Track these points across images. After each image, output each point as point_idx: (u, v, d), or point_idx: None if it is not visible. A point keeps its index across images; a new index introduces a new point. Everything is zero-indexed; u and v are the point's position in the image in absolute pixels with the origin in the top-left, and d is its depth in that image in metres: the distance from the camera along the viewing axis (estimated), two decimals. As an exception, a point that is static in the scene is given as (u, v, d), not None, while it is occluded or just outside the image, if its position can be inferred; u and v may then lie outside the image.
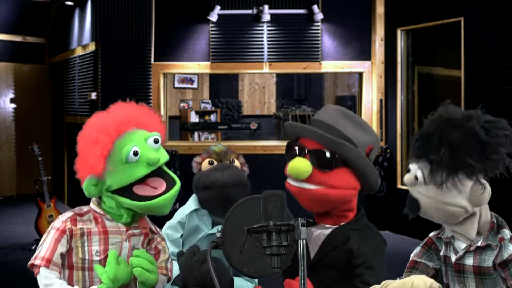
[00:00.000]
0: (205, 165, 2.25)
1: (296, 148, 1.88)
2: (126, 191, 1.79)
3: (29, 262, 1.78)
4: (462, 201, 1.64)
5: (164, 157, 1.86)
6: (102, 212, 1.85)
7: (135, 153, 1.78)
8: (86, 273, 1.79)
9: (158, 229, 2.00)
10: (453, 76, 6.03)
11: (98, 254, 1.80)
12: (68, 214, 1.84)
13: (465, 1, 5.65)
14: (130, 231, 1.86)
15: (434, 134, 1.66)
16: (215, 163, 2.24)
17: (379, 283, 1.46)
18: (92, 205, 1.88)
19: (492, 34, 5.34)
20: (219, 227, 2.24)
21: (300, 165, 1.80)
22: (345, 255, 1.81)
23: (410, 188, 1.73)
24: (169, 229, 2.26)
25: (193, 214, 2.26)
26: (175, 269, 2.17)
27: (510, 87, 5.23)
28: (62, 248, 1.78)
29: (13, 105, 8.91)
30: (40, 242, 1.81)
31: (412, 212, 1.73)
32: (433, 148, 1.64)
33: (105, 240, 1.82)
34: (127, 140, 1.81)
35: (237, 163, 2.28)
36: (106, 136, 1.79)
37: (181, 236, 2.27)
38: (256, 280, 2.27)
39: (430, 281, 1.31)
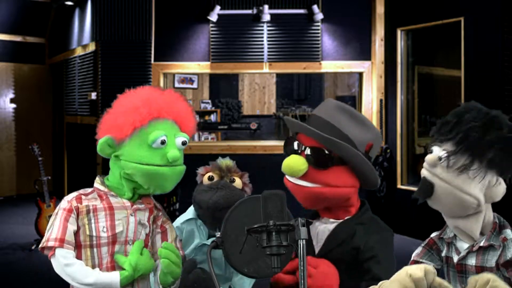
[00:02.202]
0: (205, 179, 2.22)
1: (295, 143, 1.86)
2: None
3: (41, 245, 1.77)
4: (478, 192, 1.62)
5: (182, 160, 1.88)
6: (106, 190, 1.87)
7: (162, 142, 1.81)
8: (95, 250, 1.80)
9: (162, 207, 1.99)
10: (453, 76, 6.03)
11: (105, 230, 1.80)
12: (73, 194, 1.86)
13: (465, 1, 5.65)
14: (135, 206, 1.87)
15: (467, 119, 1.64)
16: (215, 179, 2.21)
17: (389, 277, 1.45)
18: (96, 184, 1.90)
19: (492, 34, 5.34)
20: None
21: (294, 163, 1.79)
22: (352, 251, 1.78)
23: (426, 172, 1.69)
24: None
25: (192, 221, 2.25)
26: None
27: (510, 87, 5.23)
28: (72, 226, 1.78)
29: (13, 105, 8.91)
30: (49, 225, 1.80)
31: (423, 196, 1.70)
32: (464, 132, 1.62)
33: (111, 216, 1.82)
34: (162, 125, 1.84)
35: (238, 182, 2.21)
36: (147, 110, 1.81)
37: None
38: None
39: (423, 265, 1.31)
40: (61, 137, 8.45)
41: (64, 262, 1.73)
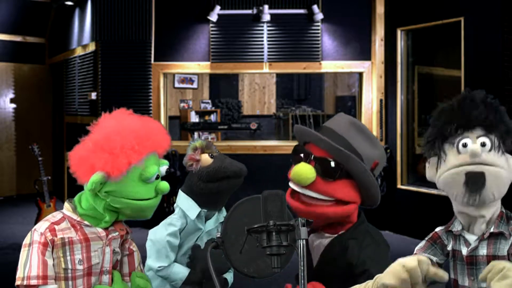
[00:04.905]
0: (206, 159, 2.24)
1: (302, 153, 1.86)
2: None
3: (19, 283, 1.71)
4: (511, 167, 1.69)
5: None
6: (79, 219, 1.81)
7: (157, 177, 1.83)
8: (70, 282, 1.75)
9: (129, 229, 1.99)
10: (453, 76, 6.03)
11: (81, 263, 1.76)
12: (45, 224, 1.78)
13: (465, 1, 5.65)
14: (110, 235, 1.84)
15: (476, 104, 1.68)
16: (212, 154, 2.27)
17: None
18: (67, 212, 1.84)
19: (492, 34, 5.34)
20: (211, 222, 2.28)
21: (304, 170, 1.78)
22: (345, 267, 1.79)
23: (468, 167, 1.66)
24: (170, 237, 2.25)
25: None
26: (178, 270, 2.19)
27: (510, 87, 5.23)
28: (50, 260, 1.72)
29: (13, 105, 8.91)
30: (23, 260, 1.73)
31: (478, 189, 1.64)
32: (484, 114, 1.67)
33: (87, 248, 1.78)
34: (153, 160, 1.84)
35: None
36: (143, 148, 1.79)
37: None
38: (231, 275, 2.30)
39: (417, 255, 1.31)
40: (61, 137, 8.45)
41: None
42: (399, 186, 6.44)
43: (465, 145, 1.67)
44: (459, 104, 1.71)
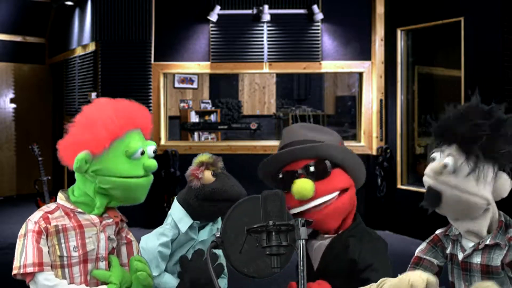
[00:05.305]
0: (208, 178, 2.20)
1: (285, 176, 1.90)
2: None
3: (16, 272, 1.73)
4: (486, 192, 1.62)
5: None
6: (72, 207, 1.82)
7: (142, 153, 1.82)
8: (66, 270, 1.76)
9: (125, 218, 1.98)
10: (453, 76, 6.03)
11: (76, 249, 1.77)
12: (38, 214, 1.81)
13: (465, 1, 5.65)
14: (104, 222, 1.84)
15: (464, 120, 1.64)
16: (215, 172, 2.22)
17: None
18: (61, 201, 1.86)
19: (492, 34, 5.34)
20: (205, 232, 2.26)
21: (303, 185, 1.82)
22: (347, 264, 1.81)
23: (430, 180, 1.67)
24: (161, 247, 2.22)
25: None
26: (168, 280, 2.19)
27: (510, 87, 5.23)
28: (45, 248, 1.74)
29: (13, 105, 8.91)
30: (19, 250, 1.75)
31: (432, 206, 1.68)
32: (465, 135, 1.62)
33: (81, 235, 1.79)
34: (137, 137, 1.84)
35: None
36: (124, 121, 1.81)
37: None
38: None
39: (426, 275, 1.31)
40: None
41: (49, 284, 1.71)
42: (399, 186, 6.44)
43: (433, 159, 1.69)
44: (456, 114, 1.69)
